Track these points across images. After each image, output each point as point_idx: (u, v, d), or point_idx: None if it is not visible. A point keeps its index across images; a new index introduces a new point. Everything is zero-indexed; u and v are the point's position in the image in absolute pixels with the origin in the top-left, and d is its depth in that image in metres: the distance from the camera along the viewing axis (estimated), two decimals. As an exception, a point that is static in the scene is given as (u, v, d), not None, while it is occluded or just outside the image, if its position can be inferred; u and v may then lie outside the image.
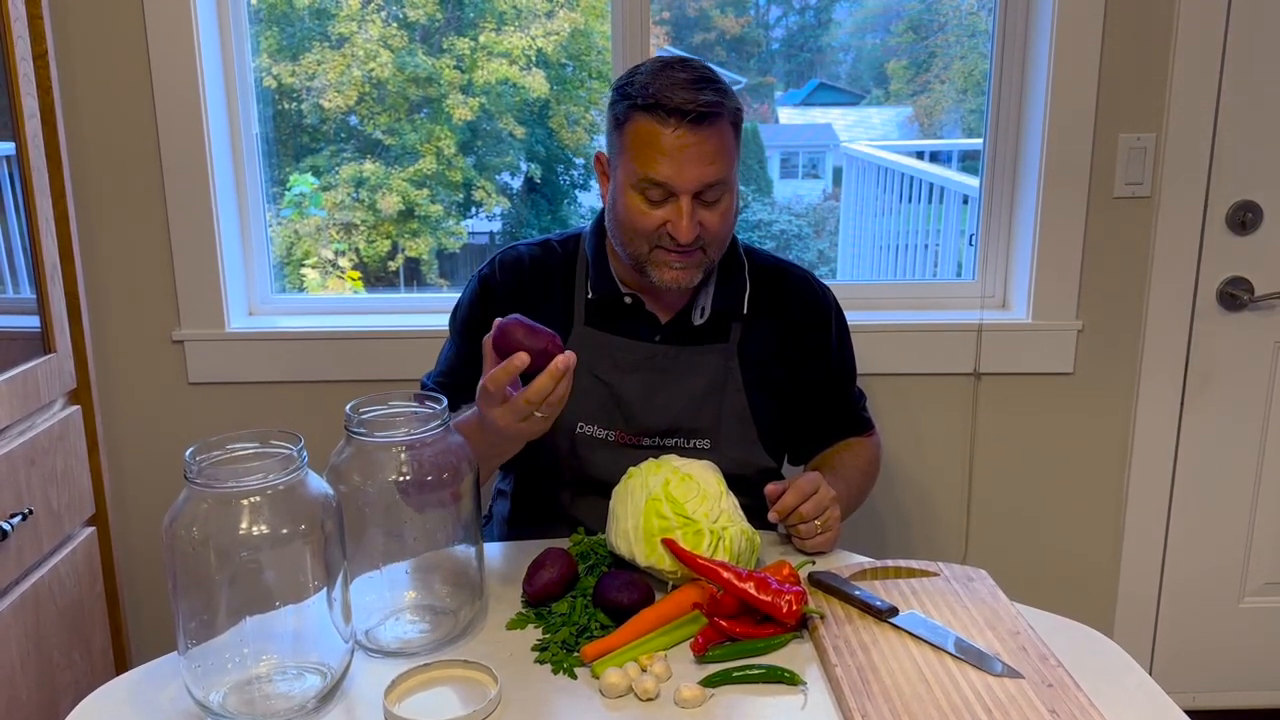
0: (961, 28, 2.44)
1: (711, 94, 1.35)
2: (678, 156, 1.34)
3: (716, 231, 1.41)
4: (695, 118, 1.33)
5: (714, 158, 1.35)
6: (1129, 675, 1.12)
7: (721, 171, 1.37)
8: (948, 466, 2.25)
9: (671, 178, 1.35)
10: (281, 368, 2.16)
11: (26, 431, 1.65)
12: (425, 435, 1.18)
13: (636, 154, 1.36)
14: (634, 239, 1.41)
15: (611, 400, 1.49)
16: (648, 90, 1.35)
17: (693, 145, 1.33)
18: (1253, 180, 2.10)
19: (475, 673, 1.11)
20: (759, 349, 1.53)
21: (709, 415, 1.50)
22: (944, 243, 2.99)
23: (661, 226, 1.38)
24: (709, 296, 1.50)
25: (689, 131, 1.33)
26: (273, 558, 1.04)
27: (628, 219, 1.40)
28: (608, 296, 1.50)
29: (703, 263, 1.43)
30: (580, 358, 1.48)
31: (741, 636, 1.16)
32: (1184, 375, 2.19)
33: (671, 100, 1.33)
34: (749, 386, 1.51)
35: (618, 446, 1.49)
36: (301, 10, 2.33)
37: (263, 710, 1.06)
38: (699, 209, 1.37)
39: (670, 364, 1.50)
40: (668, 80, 1.35)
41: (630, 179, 1.38)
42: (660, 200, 1.37)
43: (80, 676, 1.78)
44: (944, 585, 1.29)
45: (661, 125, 1.34)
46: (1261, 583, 2.31)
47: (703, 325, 1.50)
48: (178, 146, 2.05)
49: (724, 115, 1.36)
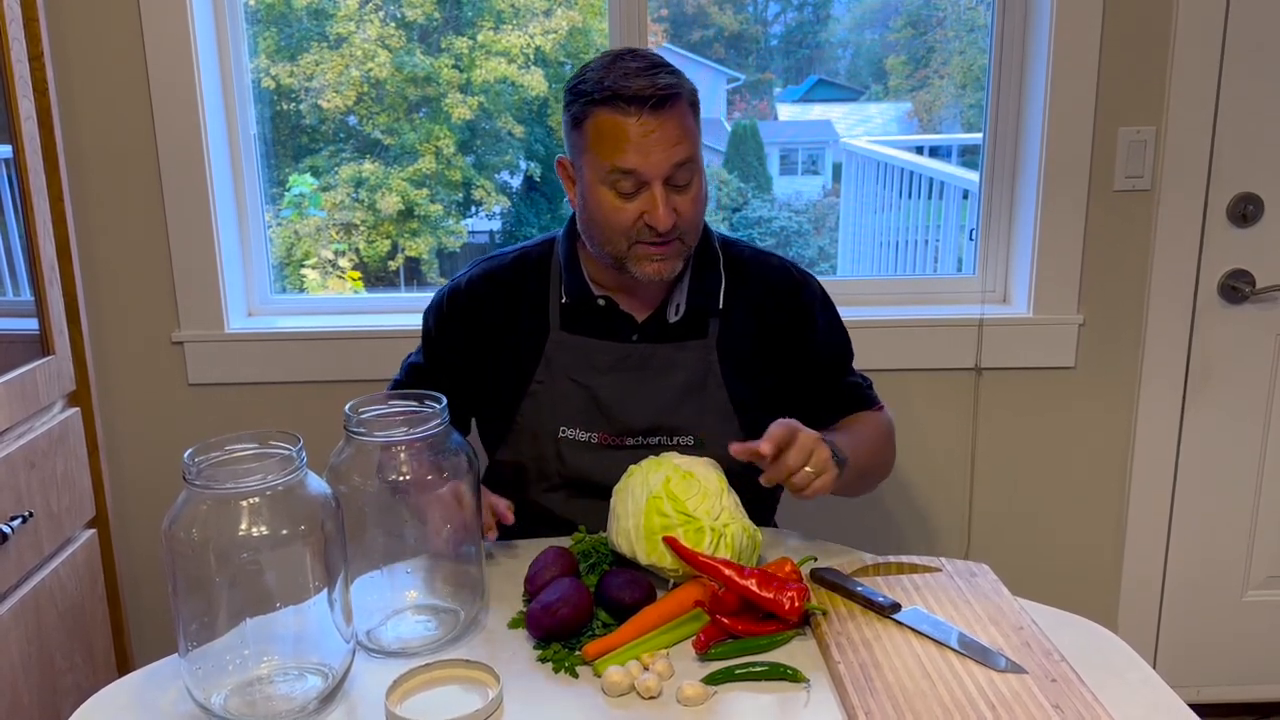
0: (960, 22, 2.43)
1: (667, 76, 1.36)
2: (643, 143, 1.34)
3: (690, 216, 1.40)
4: (655, 102, 1.33)
5: (679, 139, 1.36)
6: (1133, 670, 1.12)
7: (688, 151, 1.37)
8: (949, 462, 2.24)
9: (641, 165, 1.35)
10: (281, 368, 2.16)
11: (26, 434, 1.65)
12: (425, 435, 1.17)
13: (601, 148, 1.37)
14: (612, 237, 1.41)
15: (591, 403, 1.49)
16: (603, 84, 1.35)
17: (657, 130, 1.34)
18: (1253, 172, 2.09)
19: (477, 672, 1.10)
20: (739, 343, 1.51)
21: (691, 412, 1.48)
22: (944, 238, 2.99)
23: (639, 220, 1.38)
24: (683, 293, 1.50)
25: (651, 117, 1.34)
26: (273, 559, 1.03)
27: (603, 217, 1.40)
28: (581, 300, 1.50)
29: (681, 251, 1.43)
30: (557, 362, 1.50)
31: (744, 634, 1.16)
32: (1186, 368, 2.18)
33: (629, 89, 1.34)
34: (730, 381, 1.50)
35: (602, 448, 1.49)
36: (299, 10, 2.33)
37: (264, 712, 1.06)
38: (671, 194, 1.38)
39: (647, 363, 1.49)
40: (621, 71, 1.36)
41: (598, 175, 1.38)
42: (632, 191, 1.37)
43: (82, 679, 1.78)
44: (946, 581, 1.28)
45: (623, 115, 1.34)
46: (1265, 576, 2.30)
47: (679, 322, 1.49)
48: (175, 147, 2.04)
49: (682, 96, 1.37)
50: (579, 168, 1.43)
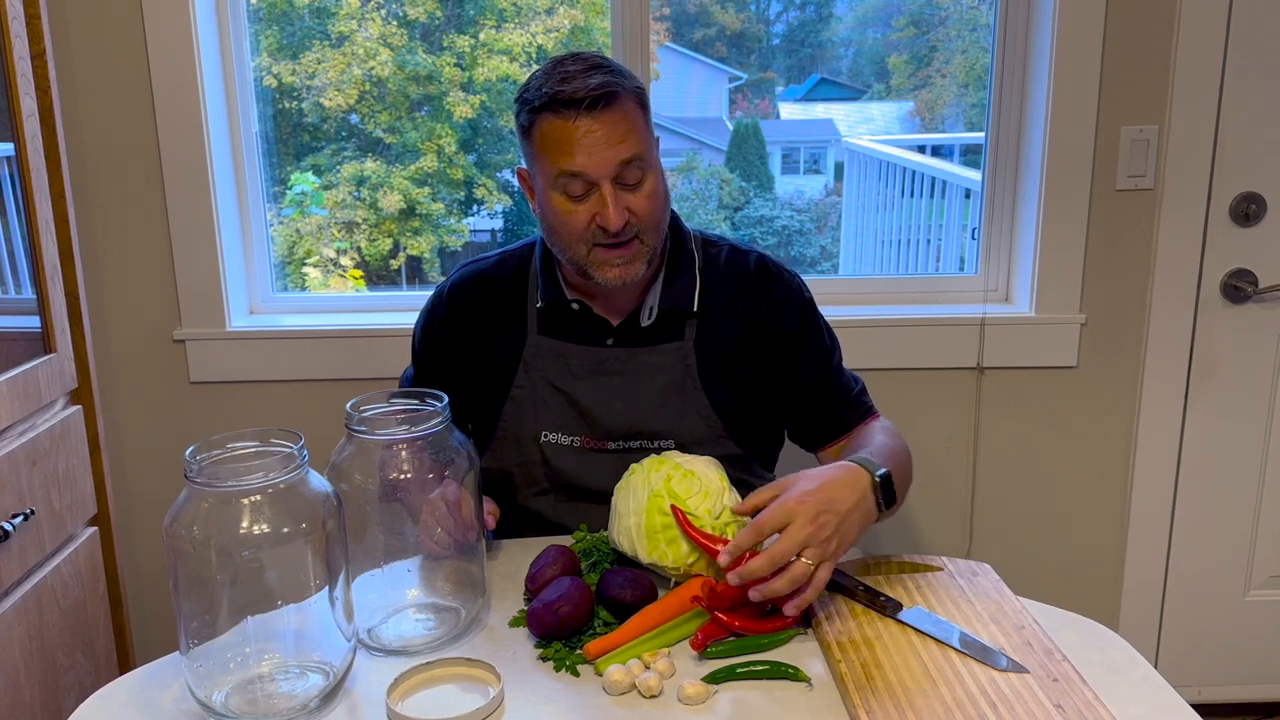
0: (962, 21, 2.43)
1: (603, 76, 1.36)
2: (586, 145, 1.34)
3: (646, 214, 1.39)
4: (591, 103, 1.33)
5: (623, 137, 1.35)
6: (1134, 669, 1.12)
7: (634, 149, 1.36)
8: (951, 461, 2.24)
9: (585, 166, 1.35)
10: (283, 366, 2.16)
11: (28, 432, 1.65)
12: (426, 433, 1.17)
13: (548, 154, 1.37)
14: (570, 242, 1.40)
15: (571, 407, 1.48)
16: (542, 90, 1.36)
17: (599, 130, 1.34)
18: (1256, 172, 2.09)
19: (478, 671, 1.10)
20: (718, 344, 1.50)
21: (670, 416, 1.47)
22: (946, 237, 2.99)
23: (591, 222, 1.37)
24: (656, 296, 1.49)
25: (591, 119, 1.34)
26: (274, 557, 1.03)
27: (557, 222, 1.40)
28: (556, 303, 1.50)
29: (641, 252, 1.41)
30: (536, 366, 1.50)
31: (744, 631, 1.16)
32: (1188, 368, 2.18)
33: (565, 92, 1.34)
34: (709, 384, 1.48)
35: (585, 451, 1.49)
36: (301, 9, 2.33)
37: (265, 710, 1.06)
38: (623, 194, 1.37)
39: (624, 367, 1.48)
40: (559, 75, 1.36)
41: (548, 181, 1.38)
42: (582, 194, 1.37)
43: (83, 676, 1.78)
44: (948, 580, 1.28)
45: (564, 119, 1.34)
46: (1267, 576, 2.30)
47: (653, 325, 1.48)
48: (177, 146, 2.04)
49: (623, 94, 1.37)
50: (533, 176, 1.43)
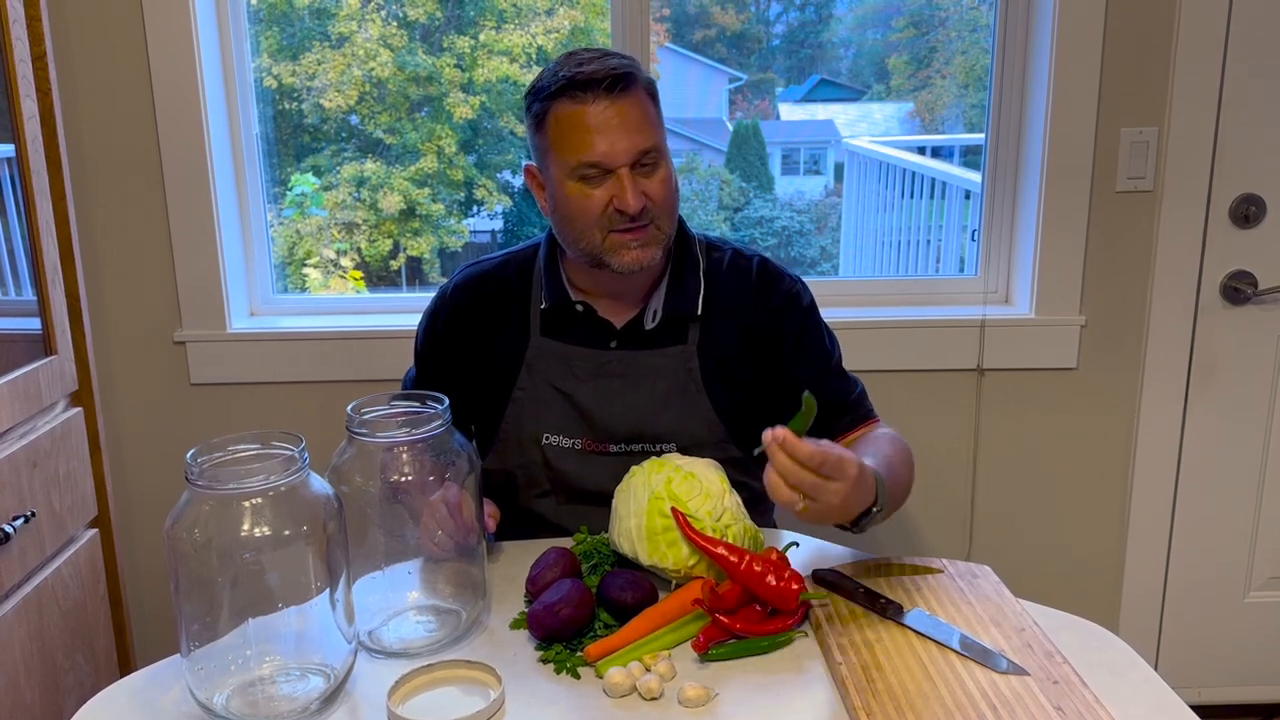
0: (962, 22, 2.43)
1: (619, 59, 1.38)
2: (606, 131, 1.35)
3: (661, 199, 1.40)
4: (610, 84, 1.34)
5: (640, 126, 1.37)
6: (1134, 671, 1.12)
7: (651, 139, 1.38)
8: (951, 463, 2.24)
9: (606, 154, 1.35)
10: (283, 368, 2.16)
11: (28, 434, 1.65)
12: (427, 435, 1.17)
13: (565, 143, 1.37)
14: (586, 230, 1.40)
15: (573, 409, 1.48)
16: (559, 75, 1.37)
17: (616, 116, 1.35)
18: (1256, 173, 2.09)
19: (479, 673, 1.10)
20: (720, 348, 1.49)
21: (673, 419, 1.47)
22: (946, 238, 2.99)
23: (608, 206, 1.38)
24: (660, 299, 1.48)
25: (609, 103, 1.35)
26: (275, 559, 1.03)
27: (573, 210, 1.40)
28: (560, 305, 1.49)
29: (657, 238, 1.41)
30: (538, 368, 1.50)
31: (745, 634, 1.16)
32: (1188, 370, 2.18)
33: (584, 73, 1.35)
34: (712, 387, 1.48)
35: (587, 454, 1.48)
36: (301, 10, 2.33)
37: (266, 712, 1.06)
38: (639, 179, 1.38)
39: (626, 370, 1.48)
40: (575, 62, 1.38)
41: (565, 170, 1.39)
42: (598, 181, 1.38)
43: (84, 679, 1.78)
44: (948, 582, 1.28)
45: (581, 103, 1.35)
46: (1267, 577, 2.30)
47: (656, 328, 1.48)
48: (178, 147, 2.04)
49: (638, 83, 1.38)
50: (545, 169, 1.43)
